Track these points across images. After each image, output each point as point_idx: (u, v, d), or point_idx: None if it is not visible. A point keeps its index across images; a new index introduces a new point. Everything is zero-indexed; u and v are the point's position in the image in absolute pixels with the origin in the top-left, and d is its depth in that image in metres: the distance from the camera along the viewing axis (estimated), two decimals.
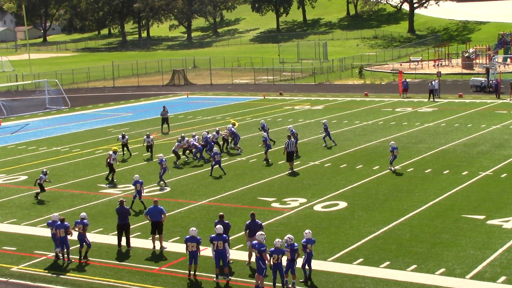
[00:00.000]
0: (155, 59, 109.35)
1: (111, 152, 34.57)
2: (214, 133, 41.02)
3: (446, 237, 24.11)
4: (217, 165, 34.84)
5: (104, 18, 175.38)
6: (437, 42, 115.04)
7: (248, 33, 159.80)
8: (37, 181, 31.25)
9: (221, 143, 41.30)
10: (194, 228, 21.40)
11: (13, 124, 57.30)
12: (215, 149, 36.42)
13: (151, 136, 40.12)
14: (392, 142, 35.06)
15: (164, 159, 33.12)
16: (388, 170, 34.33)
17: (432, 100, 60.98)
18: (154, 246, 24.04)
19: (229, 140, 42.10)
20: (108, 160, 34.33)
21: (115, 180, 34.23)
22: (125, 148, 40.58)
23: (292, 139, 35.87)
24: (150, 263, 22.78)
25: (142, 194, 29.03)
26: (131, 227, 24.79)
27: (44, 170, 31.88)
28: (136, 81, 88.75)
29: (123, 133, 41.89)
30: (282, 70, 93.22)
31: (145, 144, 39.99)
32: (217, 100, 68.83)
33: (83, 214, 23.48)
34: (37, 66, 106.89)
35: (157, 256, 23.39)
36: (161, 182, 33.01)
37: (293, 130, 38.58)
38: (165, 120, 49.51)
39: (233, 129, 42.11)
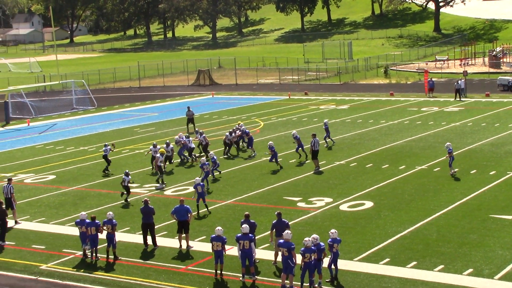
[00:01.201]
0: (180, 59, 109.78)
1: (158, 155, 34.40)
2: (227, 133, 40.59)
3: (473, 237, 23.95)
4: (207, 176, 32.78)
5: (130, 18, 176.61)
6: (463, 41, 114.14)
7: (273, 33, 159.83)
8: (122, 183, 30.79)
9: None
10: (220, 228, 21.49)
11: (41, 124, 57.91)
12: (203, 159, 33.90)
13: (171, 145, 37.77)
14: (448, 144, 34.01)
15: (206, 163, 32.71)
16: (417, 169, 34.12)
17: (459, 99, 60.54)
18: (180, 245, 24.17)
19: (242, 140, 41.39)
20: (157, 163, 33.93)
21: (164, 183, 33.64)
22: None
23: (317, 138, 35.91)
24: (177, 262, 22.91)
25: (160, 192, 29.06)
26: (156, 226, 24.94)
27: (126, 171, 31.20)
28: (161, 81, 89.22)
29: (167, 141, 39.23)
30: (307, 69, 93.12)
31: (151, 153, 36.67)
32: (242, 100, 68.96)
33: (110, 213, 23.66)
34: (64, 67, 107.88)
35: (184, 255, 23.52)
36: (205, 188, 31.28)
37: (297, 136, 38.07)
38: (190, 120, 49.65)
39: (246, 129, 41.73)
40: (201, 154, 39.41)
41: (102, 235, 23.45)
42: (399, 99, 63.51)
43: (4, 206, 26.43)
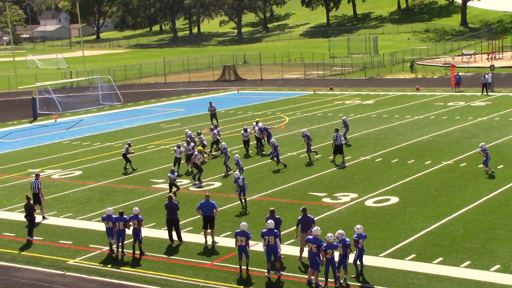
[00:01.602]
0: (205, 54, 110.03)
1: (196, 152, 34.26)
2: (242, 131, 39.95)
3: (500, 233, 23.75)
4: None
5: (156, 14, 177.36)
6: (490, 34, 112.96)
7: (298, 28, 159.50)
8: (169, 181, 30.68)
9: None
10: (245, 223, 21.54)
11: (68, 120, 58.42)
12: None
13: (191, 143, 36.54)
14: (482, 144, 33.07)
15: (240, 160, 32.32)
16: (443, 164, 33.89)
17: (486, 94, 59.96)
18: (206, 241, 24.27)
19: (262, 138, 40.31)
20: (194, 160, 33.49)
21: (202, 182, 33.49)
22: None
23: (340, 133, 35.95)
24: (202, 257, 23.01)
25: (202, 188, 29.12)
26: (182, 222, 25.05)
27: (172, 168, 31.06)
28: (187, 77, 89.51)
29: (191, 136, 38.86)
30: (333, 64, 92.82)
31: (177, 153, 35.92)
32: (267, 95, 68.96)
33: (136, 209, 23.81)
34: (91, 62, 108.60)
35: (209, 251, 23.61)
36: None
37: (308, 134, 37.16)
38: (213, 115, 49.70)
39: (263, 125, 40.86)
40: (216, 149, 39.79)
41: (129, 231, 23.61)
42: (425, 93, 63.08)
43: (32, 201, 26.73)
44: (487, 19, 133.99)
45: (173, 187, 30.54)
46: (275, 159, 35.52)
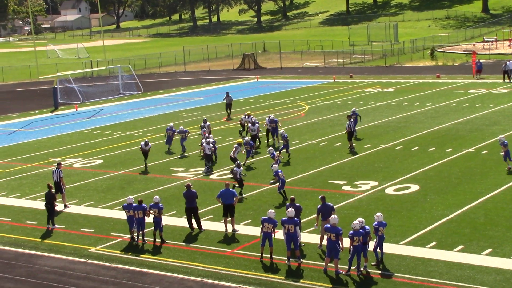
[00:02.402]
0: (225, 43, 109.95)
1: (236, 145, 32.97)
2: (250, 124, 38.76)
3: None
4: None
5: (175, 3, 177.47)
6: None
7: (318, 16, 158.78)
8: (233, 176, 29.42)
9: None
10: (272, 211, 21.58)
11: (88, 110, 58.75)
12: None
13: (211, 136, 35.69)
14: (501, 136, 31.26)
15: (274, 152, 31.61)
16: (463, 152, 33.70)
17: (508, 81, 59.41)
18: (226, 229, 24.36)
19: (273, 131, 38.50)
20: (233, 155, 32.15)
21: (209, 170, 33.53)
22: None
23: (352, 120, 36.30)
24: (223, 245, 23.10)
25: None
26: (202, 210, 25.13)
27: (238, 162, 29.65)
28: (206, 66, 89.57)
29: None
30: (352, 52, 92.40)
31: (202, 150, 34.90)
32: (287, 83, 68.86)
33: (157, 197, 23.93)
34: (111, 52, 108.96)
35: (229, 239, 23.70)
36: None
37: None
38: (228, 105, 49.22)
39: (272, 116, 39.07)
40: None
41: (149, 219, 23.76)
42: (446, 81, 62.64)
43: (53, 190, 26.95)
44: (509, 5, 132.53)
45: (238, 183, 28.93)
46: (284, 151, 34.96)
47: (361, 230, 19.78)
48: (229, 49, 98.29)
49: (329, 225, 20.16)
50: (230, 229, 24.38)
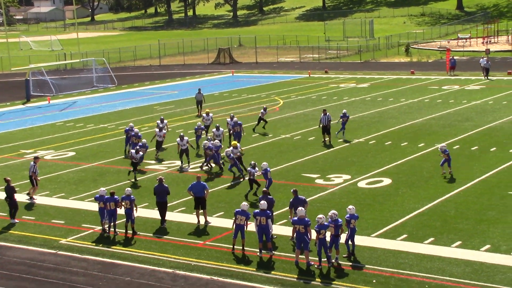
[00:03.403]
0: (201, 37, 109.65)
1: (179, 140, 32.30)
2: (214, 129, 35.12)
3: (492, 214, 23.84)
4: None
5: None
6: (486, 19, 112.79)
7: (294, 11, 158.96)
8: (249, 177, 27.23)
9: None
10: (246, 203, 21.57)
11: (61, 102, 58.25)
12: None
13: (185, 138, 32.68)
14: (443, 145, 29.70)
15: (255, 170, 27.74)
16: (434, 147, 33.93)
17: (486, 78, 59.40)
18: (198, 221, 24.29)
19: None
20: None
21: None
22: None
23: (329, 114, 36.17)
24: (194, 237, 23.03)
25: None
26: (175, 202, 25.02)
27: (253, 162, 27.50)
28: (182, 60, 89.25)
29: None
30: (328, 48, 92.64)
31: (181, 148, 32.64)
32: (262, 78, 68.84)
33: (129, 189, 23.77)
34: (85, 45, 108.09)
35: (201, 231, 23.62)
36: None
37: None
38: (199, 102, 47.42)
39: (236, 119, 36.41)
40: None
41: (121, 211, 23.61)
42: (420, 77, 63.05)
43: (12, 184, 26.36)
44: (483, 3, 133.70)
45: (253, 183, 27.21)
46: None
47: (326, 223, 19.82)
48: (205, 43, 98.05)
49: (296, 218, 20.19)
50: (202, 221, 24.31)
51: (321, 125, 36.28)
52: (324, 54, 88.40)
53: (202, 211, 24.28)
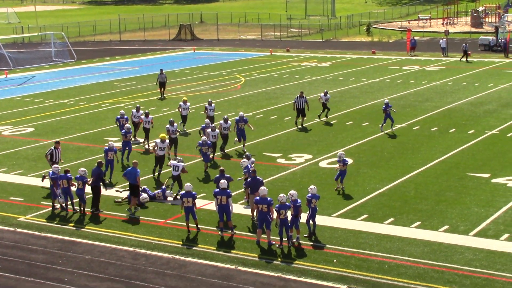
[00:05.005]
0: (162, 13, 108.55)
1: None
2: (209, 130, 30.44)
3: (450, 195, 24.18)
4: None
5: None
6: (446, 0, 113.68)
7: None
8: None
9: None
10: (189, 184, 21.37)
11: (19, 76, 57.22)
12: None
13: (175, 124, 30.56)
14: (341, 152, 25.43)
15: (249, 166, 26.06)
16: (388, 130, 34.22)
17: (465, 60, 58.95)
18: (129, 208, 23.34)
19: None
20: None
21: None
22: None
23: (304, 97, 35.47)
24: (155, 215, 22.91)
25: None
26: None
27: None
28: (142, 35, 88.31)
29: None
30: (290, 26, 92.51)
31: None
32: (223, 55, 68.52)
33: (82, 170, 23.39)
34: (43, 18, 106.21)
35: (164, 210, 23.50)
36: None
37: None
38: (162, 84, 44.81)
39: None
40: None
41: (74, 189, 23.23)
42: (381, 57, 63.42)
43: None
44: None
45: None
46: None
47: (287, 204, 19.86)
48: (166, 19, 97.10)
49: (258, 198, 20.19)
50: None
51: (296, 108, 35.40)
52: (286, 32, 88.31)
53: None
